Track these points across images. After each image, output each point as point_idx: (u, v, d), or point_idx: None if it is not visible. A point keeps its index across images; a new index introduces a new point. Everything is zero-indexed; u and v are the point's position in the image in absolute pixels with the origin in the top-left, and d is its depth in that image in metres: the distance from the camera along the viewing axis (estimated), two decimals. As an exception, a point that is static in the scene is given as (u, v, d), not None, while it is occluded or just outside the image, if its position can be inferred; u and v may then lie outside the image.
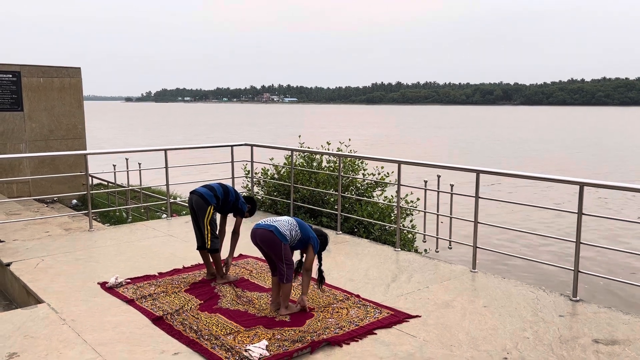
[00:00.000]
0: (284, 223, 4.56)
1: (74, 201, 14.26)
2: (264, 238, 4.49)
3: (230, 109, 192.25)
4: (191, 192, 5.47)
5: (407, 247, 8.21)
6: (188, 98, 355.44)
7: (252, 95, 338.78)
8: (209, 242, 5.33)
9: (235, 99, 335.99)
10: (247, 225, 5.45)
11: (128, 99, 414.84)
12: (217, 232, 5.48)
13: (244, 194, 9.29)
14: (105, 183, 13.63)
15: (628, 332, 4.27)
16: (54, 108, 13.98)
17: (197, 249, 5.52)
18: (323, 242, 4.82)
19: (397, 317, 4.53)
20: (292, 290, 4.70)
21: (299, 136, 9.93)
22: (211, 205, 5.34)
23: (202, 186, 5.54)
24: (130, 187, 11.82)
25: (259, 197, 9.24)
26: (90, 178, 14.71)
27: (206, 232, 5.33)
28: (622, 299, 9.73)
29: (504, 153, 37.43)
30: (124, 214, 12.16)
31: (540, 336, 4.20)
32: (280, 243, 4.45)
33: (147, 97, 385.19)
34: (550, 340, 4.13)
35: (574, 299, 4.98)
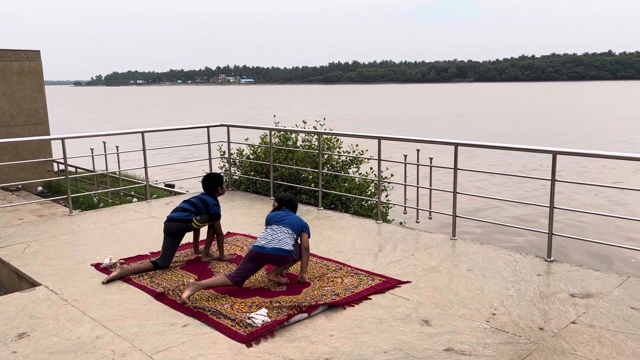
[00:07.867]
0: (284, 236, 4.73)
1: (40, 188, 13.95)
2: (276, 260, 4.74)
3: (185, 91, 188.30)
4: (167, 220, 5.38)
5: (383, 219, 8.49)
6: (141, 81, 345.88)
7: (207, 76, 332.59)
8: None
9: (189, 81, 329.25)
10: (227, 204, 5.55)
11: (77, 83, 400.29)
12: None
13: (219, 170, 9.36)
14: (74, 169, 13.36)
15: (600, 287, 4.67)
16: (14, 93, 13.57)
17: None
18: (295, 207, 5.13)
19: (389, 283, 4.80)
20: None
21: (274, 116, 10.03)
22: (191, 221, 5.34)
23: (180, 206, 5.43)
24: (109, 172, 11.65)
25: (236, 177, 9.33)
26: (57, 165, 14.43)
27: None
28: (591, 258, 10.29)
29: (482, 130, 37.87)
30: (94, 199, 12.01)
31: (523, 293, 4.56)
32: (292, 258, 4.80)
33: (97, 81, 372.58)
34: (532, 297, 4.49)
35: (549, 259, 5.37)
